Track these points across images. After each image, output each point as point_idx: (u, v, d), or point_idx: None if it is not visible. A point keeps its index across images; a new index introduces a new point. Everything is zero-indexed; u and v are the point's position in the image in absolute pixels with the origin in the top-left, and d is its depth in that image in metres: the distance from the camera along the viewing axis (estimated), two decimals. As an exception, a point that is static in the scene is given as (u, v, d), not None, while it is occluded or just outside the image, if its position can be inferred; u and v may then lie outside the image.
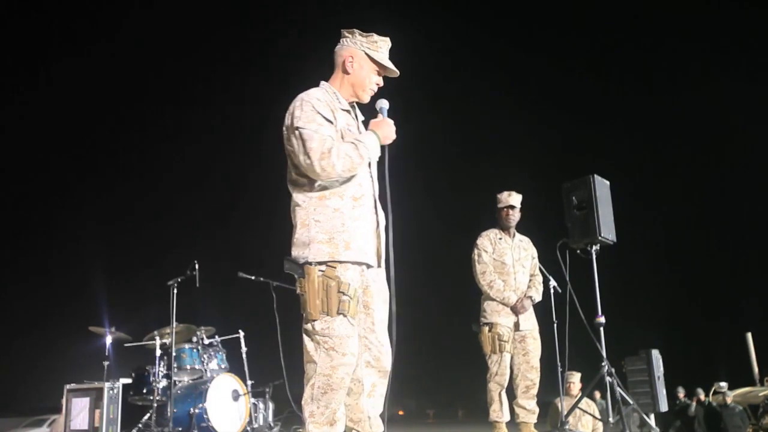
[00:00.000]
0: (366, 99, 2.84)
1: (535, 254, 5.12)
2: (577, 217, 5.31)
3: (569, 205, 5.38)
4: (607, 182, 5.44)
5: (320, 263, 2.56)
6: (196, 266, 5.43)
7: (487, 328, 4.73)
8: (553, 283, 5.35)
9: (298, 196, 2.66)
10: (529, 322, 4.85)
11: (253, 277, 5.94)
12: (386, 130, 2.74)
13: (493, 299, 4.80)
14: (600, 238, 5.17)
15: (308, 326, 2.58)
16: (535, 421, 4.75)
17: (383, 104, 2.84)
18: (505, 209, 4.98)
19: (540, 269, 5.23)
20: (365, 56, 2.79)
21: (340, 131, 2.69)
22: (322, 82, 2.84)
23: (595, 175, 5.28)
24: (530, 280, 5.00)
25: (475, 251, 4.89)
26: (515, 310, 4.78)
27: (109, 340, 5.88)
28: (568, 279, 5.15)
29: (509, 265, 4.88)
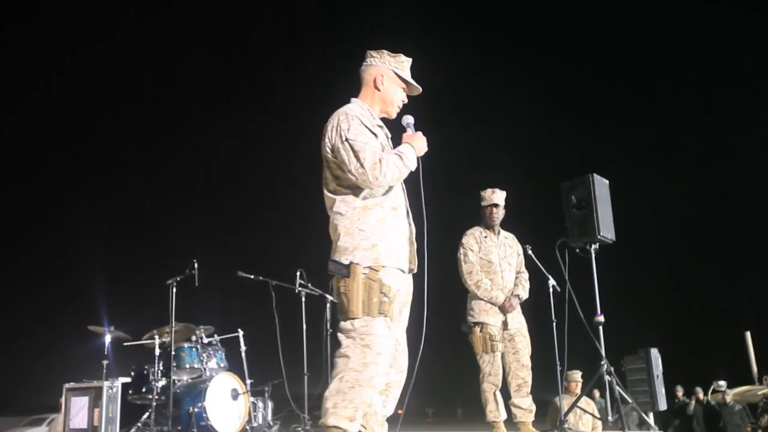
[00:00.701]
0: (394, 115, 3.01)
1: (521, 251, 5.06)
2: (577, 217, 5.32)
3: (568, 204, 5.38)
4: (606, 181, 5.44)
5: (365, 266, 2.67)
6: (195, 265, 5.43)
7: (478, 329, 4.68)
8: (552, 282, 5.35)
9: (340, 206, 2.77)
10: (517, 320, 4.81)
11: (252, 276, 5.94)
12: (420, 143, 2.91)
13: (480, 298, 4.75)
14: (599, 237, 5.18)
15: (347, 324, 2.65)
16: (533, 419, 4.72)
17: (410, 119, 3.02)
18: (489, 207, 4.92)
19: (540, 268, 5.22)
20: (394, 74, 2.96)
21: (380, 144, 2.83)
22: (354, 99, 2.97)
23: (595, 175, 5.28)
24: (516, 278, 4.94)
25: (461, 250, 4.81)
26: (503, 309, 4.73)
27: (108, 339, 5.88)
28: (567, 278, 5.15)
29: (496, 264, 4.82)
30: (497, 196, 4.93)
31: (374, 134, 2.81)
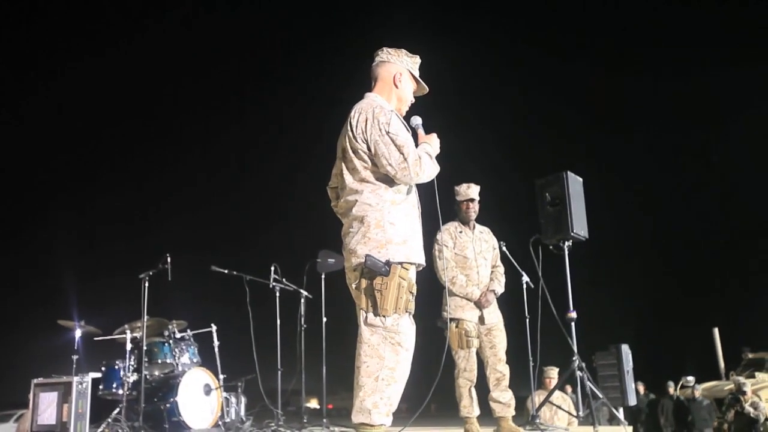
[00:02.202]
0: (404, 112, 3.10)
1: (496, 245, 5.01)
2: (551, 214, 5.37)
3: (543, 201, 5.43)
4: (580, 179, 5.50)
5: (398, 263, 2.75)
6: (168, 259, 5.37)
7: (453, 324, 4.65)
8: (525, 278, 5.38)
9: (369, 197, 2.83)
10: (494, 315, 4.77)
11: (226, 271, 5.89)
12: (436, 144, 3.01)
13: (455, 294, 4.72)
14: (572, 234, 5.23)
15: (376, 321, 2.73)
16: (513, 413, 4.68)
17: (418, 121, 3.11)
18: (465, 202, 4.85)
19: (513, 264, 5.24)
20: (410, 74, 3.09)
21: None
22: (372, 94, 3.04)
23: (569, 172, 5.34)
24: (492, 272, 4.89)
25: (436, 247, 4.71)
26: (479, 305, 4.72)
27: (78, 333, 5.78)
28: (540, 275, 5.19)
29: (471, 259, 4.77)
30: (473, 191, 4.88)
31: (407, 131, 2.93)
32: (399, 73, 3.05)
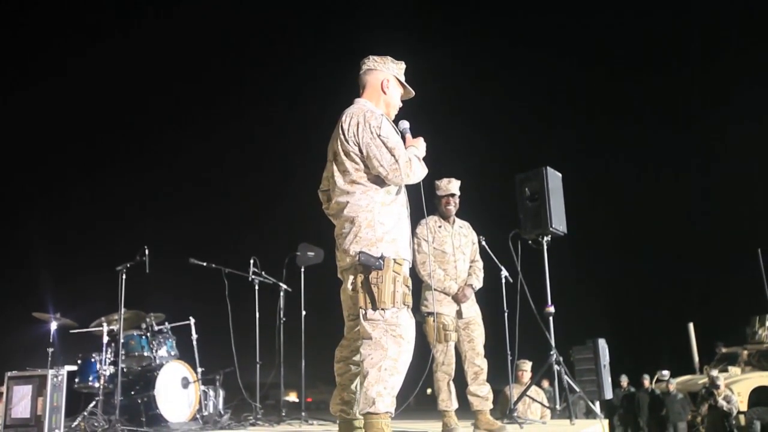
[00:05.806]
0: (393, 117, 3.19)
1: (475, 239, 4.97)
2: (530, 209, 5.40)
3: (522, 196, 5.46)
4: (560, 174, 5.54)
5: (391, 258, 2.85)
6: (146, 251, 5.31)
7: (431, 318, 4.66)
8: (504, 273, 5.41)
9: (361, 198, 2.92)
10: (472, 309, 4.78)
11: (204, 264, 5.86)
12: (423, 147, 3.12)
13: (434, 288, 4.68)
14: (551, 229, 5.27)
15: (376, 315, 2.79)
16: (491, 407, 4.71)
17: (405, 125, 3.19)
18: (446, 197, 4.81)
19: (492, 259, 5.26)
20: (396, 80, 3.19)
21: None
22: (362, 100, 3.12)
23: (548, 167, 5.37)
24: (470, 267, 4.87)
25: (414, 240, 4.55)
26: (457, 299, 4.74)
27: (54, 326, 5.71)
28: (519, 269, 5.22)
29: (449, 254, 4.75)
30: (453, 186, 4.86)
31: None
32: (386, 80, 3.15)
